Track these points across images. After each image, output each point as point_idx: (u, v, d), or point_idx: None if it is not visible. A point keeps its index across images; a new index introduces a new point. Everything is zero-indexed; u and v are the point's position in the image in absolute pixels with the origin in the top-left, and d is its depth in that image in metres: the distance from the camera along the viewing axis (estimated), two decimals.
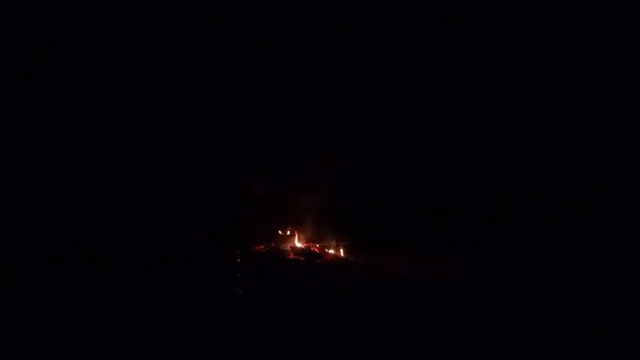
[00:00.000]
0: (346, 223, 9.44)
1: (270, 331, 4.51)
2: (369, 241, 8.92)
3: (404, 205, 9.60)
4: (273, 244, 8.78)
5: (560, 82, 9.13)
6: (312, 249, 8.69)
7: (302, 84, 9.44)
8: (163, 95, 9.20)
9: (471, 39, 9.19)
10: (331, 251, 8.67)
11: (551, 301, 5.36)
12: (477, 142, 9.58)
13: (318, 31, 9.21)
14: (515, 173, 9.24)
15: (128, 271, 6.76)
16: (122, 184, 9.02)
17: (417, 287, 6.12)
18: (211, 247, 8.30)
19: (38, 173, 8.63)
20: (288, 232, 9.72)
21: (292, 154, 9.74)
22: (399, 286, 6.19)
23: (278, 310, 5.21)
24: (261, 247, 8.64)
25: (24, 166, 8.59)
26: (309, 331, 4.55)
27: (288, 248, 8.64)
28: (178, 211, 8.98)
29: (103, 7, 8.70)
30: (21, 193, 8.42)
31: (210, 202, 9.27)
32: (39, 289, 5.79)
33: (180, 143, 9.51)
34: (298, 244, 8.85)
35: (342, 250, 8.63)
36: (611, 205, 8.61)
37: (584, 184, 8.87)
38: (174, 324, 4.65)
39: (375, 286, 6.30)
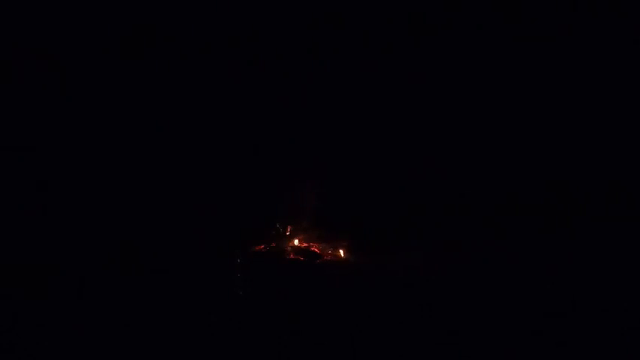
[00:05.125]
0: (346, 222, 9.41)
1: (269, 332, 4.51)
2: (369, 241, 8.90)
3: (404, 204, 9.59)
4: (274, 244, 8.76)
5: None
6: (312, 249, 8.67)
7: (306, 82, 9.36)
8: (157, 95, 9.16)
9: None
10: (331, 251, 8.65)
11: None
12: (474, 140, 9.55)
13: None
14: (515, 172, 9.20)
15: (127, 271, 6.74)
16: (119, 183, 8.99)
17: (417, 287, 6.12)
18: (211, 247, 8.27)
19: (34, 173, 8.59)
20: (288, 232, 9.71)
21: (291, 153, 9.72)
22: (400, 286, 6.19)
23: (278, 310, 5.20)
24: (261, 247, 8.62)
25: (23, 165, 8.57)
26: (309, 331, 4.54)
27: (288, 248, 8.63)
28: (177, 210, 8.96)
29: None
30: (21, 192, 8.40)
31: (210, 202, 9.24)
32: (38, 289, 5.77)
33: (179, 142, 9.49)
34: (298, 244, 8.85)
35: (342, 250, 8.62)
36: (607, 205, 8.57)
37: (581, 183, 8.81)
38: (173, 324, 4.65)
39: (375, 286, 6.30)
